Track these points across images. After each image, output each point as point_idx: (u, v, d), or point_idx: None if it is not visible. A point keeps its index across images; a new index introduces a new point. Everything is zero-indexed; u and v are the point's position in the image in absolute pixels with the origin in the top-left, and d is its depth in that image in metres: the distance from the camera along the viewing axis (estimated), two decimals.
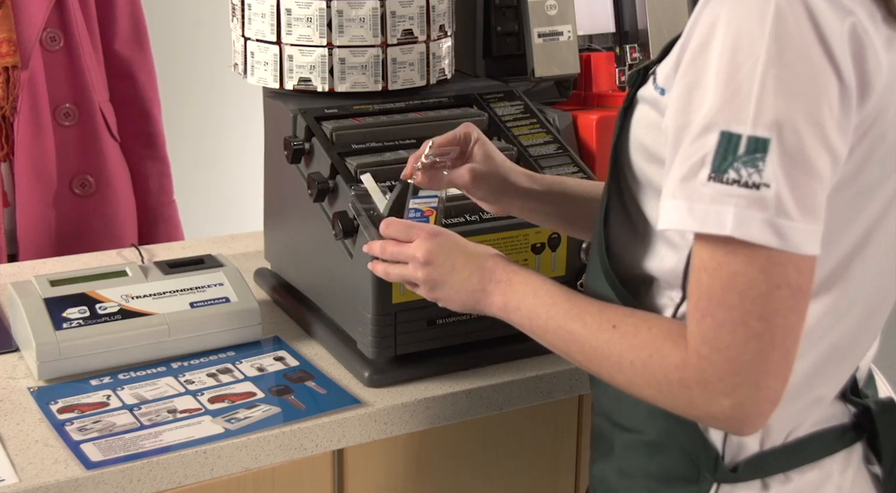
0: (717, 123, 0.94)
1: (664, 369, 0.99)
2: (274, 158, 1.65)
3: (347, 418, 1.39)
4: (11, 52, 1.97)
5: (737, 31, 0.94)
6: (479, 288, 1.17)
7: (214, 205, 3.10)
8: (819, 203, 0.94)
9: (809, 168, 0.93)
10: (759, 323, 0.93)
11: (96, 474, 1.26)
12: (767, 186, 0.92)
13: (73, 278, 1.53)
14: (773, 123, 0.92)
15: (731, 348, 0.94)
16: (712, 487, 1.08)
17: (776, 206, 0.92)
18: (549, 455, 1.58)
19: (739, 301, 0.93)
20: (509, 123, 1.62)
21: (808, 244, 0.93)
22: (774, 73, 0.92)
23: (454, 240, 1.21)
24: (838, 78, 0.94)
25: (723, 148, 0.93)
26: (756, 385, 0.94)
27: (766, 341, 0.94)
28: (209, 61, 2.95)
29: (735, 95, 0.93)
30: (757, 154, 0.92)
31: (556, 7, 1.70)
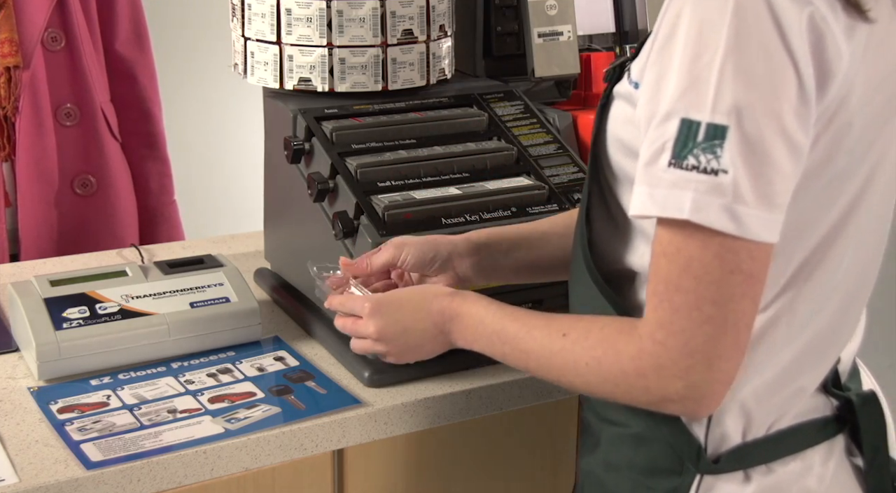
0: (678, 110, 0.96)
1: (619, 363, 1.02)
2: (274, 158, 1.65)
3: (347, 418, 1.39)
4: (13, 52, 1.97)
5: (699, 22, 0.96)
6: (439, 333, 1.22)
7: (214, 205, 3.10)
8: (777, 192, 0.96)
9: (767, 157, 0.95)
10: (712, 308, 0.96)
11: (96, 474, 1.26)
12: (725, 172, 0.94)
13: (73, 278, 1.53)
14: (730, 110, 0.94)
15: (685, 332, 0.97)
16: (696, 478, 1.10)
17: (733, 192, 0.94)
18: (549, 455, 1.58)
19: (695, 286, 0.96)
20: (509, 123, 1.62)
21: (765, 232, 0.95)
22: (733, 62, 0.94)
23: (395, 302, 1.25)
24: (796, 69, 0.95)
25: (683, 135, 0.96)
26: (709, 368, 0.97)
27: (718, 325, 0.96)
28: (209, 61, 2.95)
29: (695, 84, 0.95)
30: (715, 141, 0.94)
31: (556, 7, 1.70)
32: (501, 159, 1.57)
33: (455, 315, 1.20)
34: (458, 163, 1.54)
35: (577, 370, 1.06)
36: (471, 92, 1.68)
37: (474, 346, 1.20)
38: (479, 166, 1.55)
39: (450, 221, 1.45)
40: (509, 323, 1.15)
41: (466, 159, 1.55)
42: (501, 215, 1.47)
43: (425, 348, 1.24)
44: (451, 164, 1.54)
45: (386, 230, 1.41)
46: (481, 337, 1.18)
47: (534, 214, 1.48)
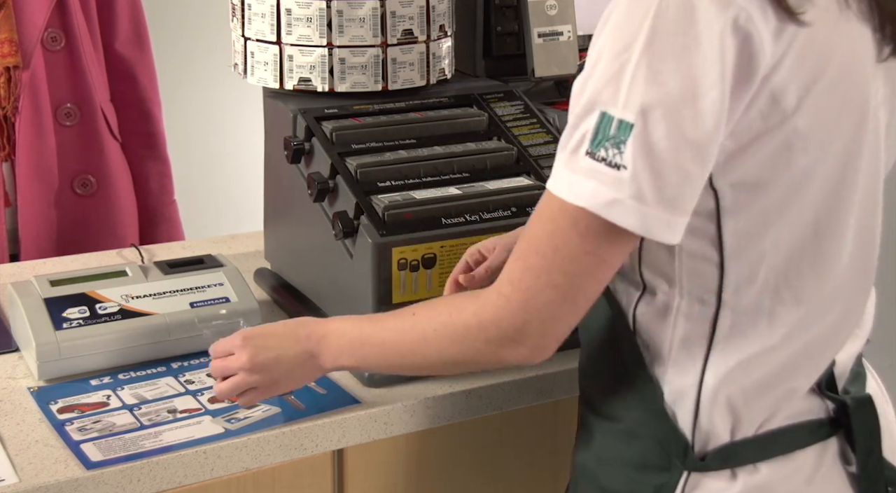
0: (598, 102, 1.00)
1: (463, 320, 1.10)
2: (274, 158, 1.65)
3: (347, 418, 1.39)
4: (13, 52, 1.97)
5: (624, 19, 0.99)
6: (307, 358, 1.26)
7: (214, 205, 3.10)
8: (678, 195, 0.99)
9: (668, 158, 0.98)
10: (561, 277, 1.03)
11: (96, 474, 1.26)
12: (626, 167, 0.98)
13: (73, 278, 1.53)
14: (639, 109, 0.97)
15: (529, 290, 1.04)
16: (683, 475, 1.11)
17: (631, 188, 0.98)
18: (549, 455, 1.58)
19: (552, 254, 1.03)
20: (509, 123, 1.62)
21: (658, 230, 0.99)
22: (646, 62, 0.97)
23: (264, 332, 1.30)
24: (710, 73, 0.96)
25: (600, 127, 0.99)
26: (542, 325, 1.05)
27: (561, 293, 1.04)
28: (209, 61, 2.95)
29: (613, 79, 0.99)
30: (622, 137, 0.98)
31: (556, 7, 1.70)
32: (501, 159, 1.57)
33: (321, 336, 1.25)
34: (458, 163, 1.54)
35: (427, 340, 1.13)
36: (471, 92, 1.68)
37: (341, 361, 1.24)
38: (479, 166, 1.55)
39: (450, 221, 1.45)
40: (366, 325, 1.22)
41: (466, 159, 1.55)
42: (501, 215, 1.47)
43: (295, 374, 1.28)
44: (451, 164, 1.54)
45: (386, 230, 1.41)
46: (344, 348, 1.23)
47: None
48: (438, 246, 1.43)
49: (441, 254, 1.43)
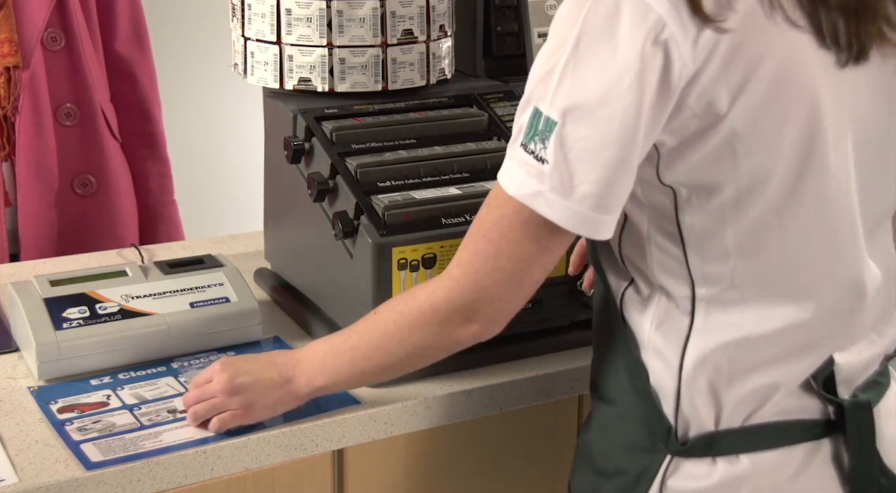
0: (533, 98, 1.07)
1: (417, 306, 1.18)
2: (274, 158, 1.65)
3: (347, 418, 1.39)
4: (13, 52, 1.97)
5: (561, 20, 1.05)
6: (283, 381, 1.30)
7: (214, 205, 3.10)
8: (595, 192, 1.05)
9: (585, 156, 1.04)
10: (507, 262, 1.10)
11: (96, 474, 1.26)
12: (548, 162, 1.05)
13: (73, 278, 1.53)
14: (562, 109, 1.04)
15: (478, 273, 1.12)
16: (665, 458, 1.16)
17: (551, 182, 1.05)
18: (549, 455, 1.58)
19: (498, 239, 1.10)
20: (509, 124, 1.62)
21: (579, 225, 1.06)
22: (573, 64, 1.04)
23: (243, 359, 1.35)
24: (629, 77, 1.01)
25: (533, 122, 1.06)
26: (490, 304, 1.13)
27: (507, 275, 1.11)
28: (209, 61, 2.95)
29: (545, 77, 1.06)
30: (547, 133, 1.05)
31: (556, 7, 1.70)
32: (501, 159, 1.56)
33: (297, 361, 1.31)
34: (458, 163, 1.54)
35: (389, 332, 1.21)
36: (471, 92, 1.68)
37: (315, 382, 1.29)
38: (479, 166, 1.55)
39: (450, 221, 1.45)
40: (335, 337, 1.29)
41: (466, 159, 1.55)
42: None
43: (271, 398, 1.31)
44: (451, 164, 1.54)
45: (386, 230, 1.41)
46: (318, 367, 1.29)
47: None
48: (438, 246, 1.43)
49: (441, 254, 1.43)
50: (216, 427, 1.32)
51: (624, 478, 1.18)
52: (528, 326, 1.52)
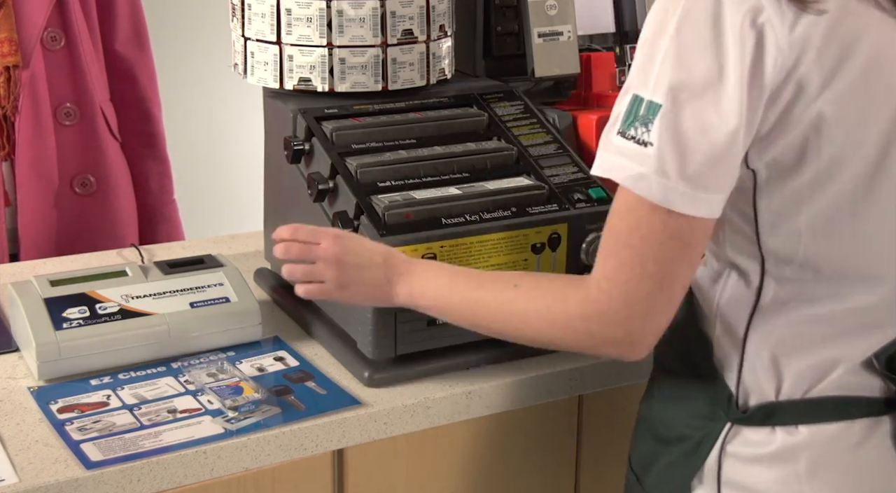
0: (632, 86, 1.09)
1: (566, 309, 1.15)
2: (274, 158, 1.65)
3: (347, 418, 1.39)
4: (12, 51, 1.97)
5: (660, 9, 1.08)
6: (385, 281, 1.31)
7: (214, 205, 3.10)
8: (700, 172, 1.06)
9: (691, 137, 1.05)
10: (653, 266, 1.08)
11: (96, 474, 1.26)
12: (652, 144, 1.06)
13: (73, 278, 1.53)
14: (666, 91, 1.06)
15: (627, 284, 1.09)
16: (725, 425, 1.20)
17: (656, 164, 1.06)
18: (549, 455, 1.58)
19: (640, 244, 1.08)
20: (509, 123, 1.62)
21: (680, 203, 1.06)
22: (674, 48, 1.06)
23: (358, 240, 1.35)
24: (729, 61, 1.04)
25: (631, 108, 1.08)
26: (644, 318, 1.10)
27: (657, 282, 1.09)
28: (209, 61, 2.95)
29: (646, 64, 1.08)
30: (650, 116, 1.06)
31: (556, 7, 1.70)
32: (501, 159, 1.57)
33: (406, 270, 1.30)
34: (458, 163, 1.54)
35: (527, 318, 1.19)
36: (471, 92, 1.68)
37: (419, 300, 1.29)
38: (479, 166, 1.55)
39: (450, 221, 1.45)
40: (461, 276, 1.27)
41: (466, 159, 1.55)
42: (501, 215, 1.47)
43: (367, 289, 1.32)
44: (451, 164, 1.54)
45: (386, 230, 1.41)
46: (430, 291, 1.28)
47: (534, 213, 1.48)
48: (438, 246, 1.43)
49: (441, 254, 1.43)
50: (302, 292, 1.34)
51: (685, 444, 1.23)
52: None
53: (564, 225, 1.49)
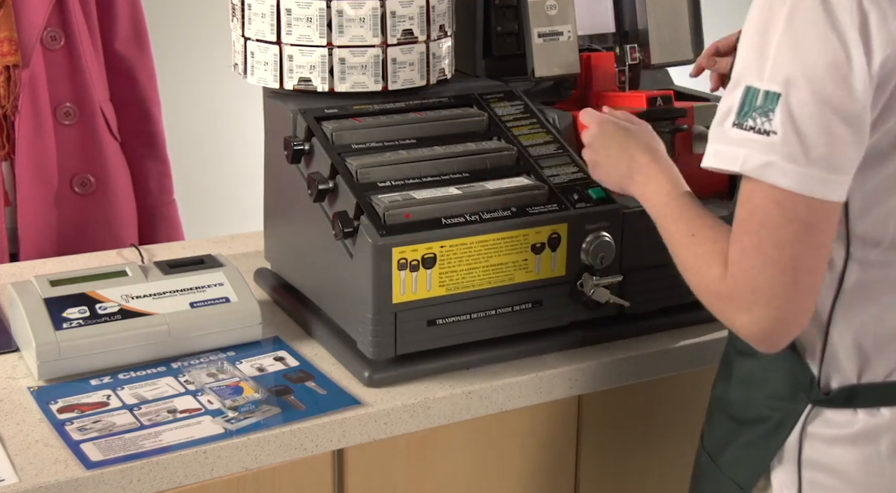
0: (744, 78, 1.12)
1: (707, 282, 1.18)
2: (274, 158, 1.65)
3: (347, 418, 1.39)
4: (12, 51, 1.97)
5: (767, 3, 1.11)
6: (627, 175, 1.39)
7: (214, 205, 3.10)
8: (828, 154, 1.08)
9: (814, 122, 1.08)
10: (773, 250, 1.10)
11: (96, 474, 1.26)
12: (775, 133, 1.09)
13: (73, 278, 1.53)
14: (782, 80, 1.09)
15: (751, 271, 1.12)
16: (807, 407, 1.23)
17: (782, 150, 1.09)
18: (549, 455, 1.58)
19: (758, 230, 1.11)
20: (509, 123, 1.62)
21: (814, 187, 1.09)
22: (788, 38, 1.09)
23: (616, 129, 1.43)
24: (842, 46, 1.07)
25: (745, 100, 1.11)
26: (768, 306, 1.11)
27: (780, 268, 1.10)
28: (209, 61, 2.95)
29: (758, 56, 1.11)
30: (769, 106, 1.09)
31: (556, 7, 1.70)
32: (501, 159, 1.57)
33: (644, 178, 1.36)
34: (458, 163, 1.54)
35: (687, 270, 1.22)
36: (471, 92, 1.68)
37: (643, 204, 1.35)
38: (479, 166, 1.55)
39: (450, 221, 1.45)
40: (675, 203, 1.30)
41: (466, 159, 1.55)
42: (501, 215, 1.47)
43: (610, 177, 1.42)
44: (451, 164, 1.54)
45: (386, 230, 1.41)
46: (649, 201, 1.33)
47: (534, 213, 1.48)
48: (438, 246, 1.43)
49: (441, 254, 1.43)
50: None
51: (764, 425, 1.26)
52: (528, 326, 1.52)
53: (564, 225, 1.49)
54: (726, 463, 1.31)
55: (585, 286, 1.51)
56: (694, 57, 1.83)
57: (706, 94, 1.80)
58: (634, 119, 1.47)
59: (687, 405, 1.67)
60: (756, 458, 1.27)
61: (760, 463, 1.27)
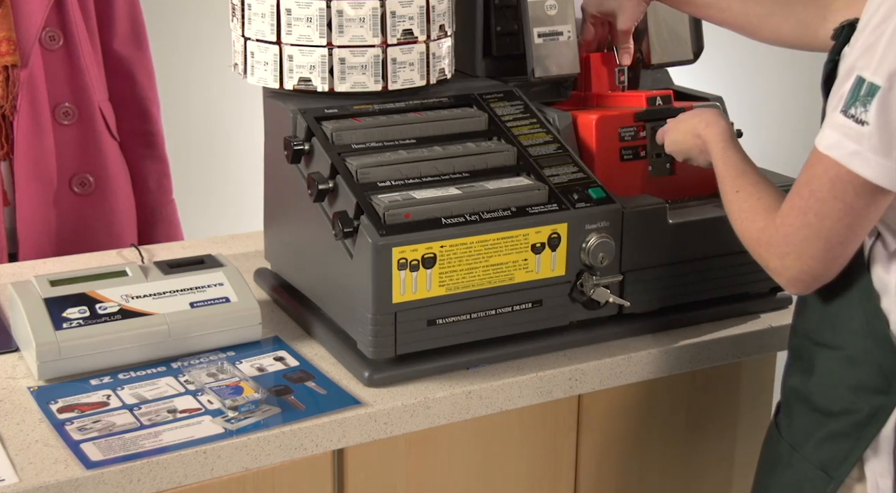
0: (856, 68, 1.17)
1: (751, 231, 1.31)
2: (274, 158, 1.65)
3: (347, 418, 1.39)
4: (11, 51, 1.97)
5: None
6: (699, 152, 1.50)
7: (214, 205, 3.09)
8: None
9: None
10: (814, 218, 1.21)
11: (96, 474, 1.26)
12: (868, 124, 1.15)
13: (73, 278, 1.53)
14: (888, 73, 1.14)
15: (791, 227, 1.24)
16: None
17: (869, 141, 1.15)
18: (549, 455, 1.58)
19: (808, 196, 1.22)
20: (509, 123, 1.62)
21: (888, 180, 1.16)
22: None
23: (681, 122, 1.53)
24: None
25: (855, 89, 1.17)
26: (798, 259, 1.24)
27: (815, 232, 1.22)
28: (209, 61, 2.94)
29: (871, 47, 1.16)
30: (869, 97, 1.15)
31: (556, 7, 1.70)
32: (501, 159, 1.57)
33: (711, 153, 1.45)
34: (458, 163, 1.54)
35: (734, 220, 1.34)
36: (471, 92, 1.68)
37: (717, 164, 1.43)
38: (479, 166, 1.55)
39: (450, 221, 1.45)
40: (731, 166, 1.40)
41: (466, 159, 1.55)
42: (501, 215, 1.47)
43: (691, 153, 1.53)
44: (451, 164, 1.54)
45: (386, 230, 1.41)
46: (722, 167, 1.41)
47: (534, 213, 1.48)
48: (438, 246, 1.43)
49: (441, 254, 1.43)
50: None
51: (853, 416, 1.29)
52: (528, 326, 1.52)
53: (564, 225, 1.49)
54: (812, 452, 1.34)
55: (585, 286, 1.51)
56: (694, 57, 1.83)
57: (706, 94, 1.80)
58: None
59: (687, 405, 1.68)
60: (847, 448, 1.30)
61: (852, 454, 1.29)
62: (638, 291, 1.57)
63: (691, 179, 1.68)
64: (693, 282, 1.62)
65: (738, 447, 1.75)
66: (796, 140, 3.12)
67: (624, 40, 1.73)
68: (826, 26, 1.51)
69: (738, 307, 1.68)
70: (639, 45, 1.78)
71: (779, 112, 3.58)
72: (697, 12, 1.68)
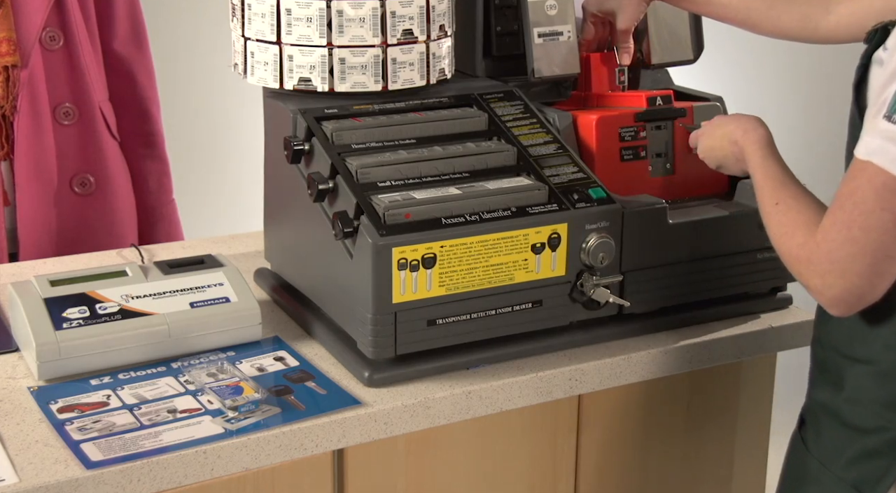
0: None
1: (789, 246, 1.25)
2: (274, 158, 1.65)
3: (347, 418, 1.39)
4: (11, 51, 1.97)
5: None
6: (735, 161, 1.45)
7: (214, 205, 3.10)
8: None
9: None
10: (859, 232, 1.16)
11: (96, 474, 1.26)
12: None
13: (73, 278, 1.53)
14: None
15: (833, 242, 1.18)
16: None
17: None
18: (549, 455, 1.58)
19: (851, 208, 1.16)
20: (509, 123, 1.62)
21: None
22: None
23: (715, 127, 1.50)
24: None
25: None
26: (842, 277, 1.18)
27: (860, 247, 1.16)
28: (209, 61, 2.95)
29: None
30: None
31: (556, 7, 1.70)
32: (501, 159, 1.57)
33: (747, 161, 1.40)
34: (458, 163, 1.54)
35: (773, 235, 1.29)
36: (471, 92, 1.68)
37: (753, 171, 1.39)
38: (479, 166, 1.55)
39: (450, 221, 1.45)
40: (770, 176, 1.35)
41: (466, 159, 1.55)
42: (501, 215, 1.47)
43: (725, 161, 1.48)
44: (451, 164, 1.54)
45: (386, 230, 1.41)
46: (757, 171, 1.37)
47: (534, 213, 1.48)
48: (438, 246, 1.43)
49: (441, 254, 1.43)
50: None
51: (890, 434, 1.26)
52: (528, 326, 1.52)
53: (564, 225, 1.49)
54: (843, 470, 1.30)
55: (585, 286, 1.51)
56: (694, 57, 1.83)
57: (706, 94, 1.80)
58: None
59: (687, 405, 1.68)
60: (882, 468, 1.26)
61: (889, 473, 1.26)
62: (638, 291, 1.57)
63: (691, 179, 1.68)
64: (693, 282, 1.62)
65: (738, 447, 1.75)
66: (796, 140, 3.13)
67: (624, 40, 1.72)
68: (829, 18, 1.49)
69: (738, 307, 1.68)
70: (639, 45, 1.78)
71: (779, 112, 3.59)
72: (698, 9, 1.66)
